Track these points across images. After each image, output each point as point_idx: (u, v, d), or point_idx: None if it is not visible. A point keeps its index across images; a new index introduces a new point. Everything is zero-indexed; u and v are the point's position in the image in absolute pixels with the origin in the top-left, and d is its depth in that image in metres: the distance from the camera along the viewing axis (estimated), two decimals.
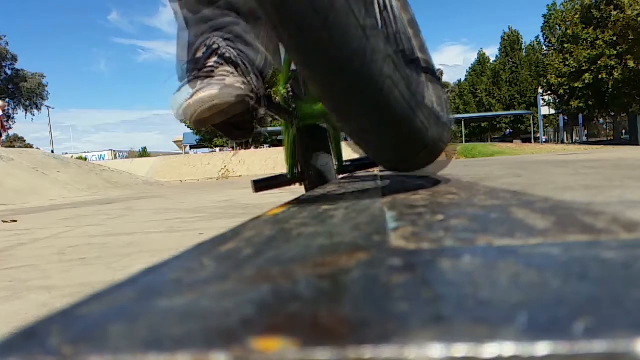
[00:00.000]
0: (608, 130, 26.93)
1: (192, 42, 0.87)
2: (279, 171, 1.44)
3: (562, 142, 24.79)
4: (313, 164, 1.07)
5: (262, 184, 1.37)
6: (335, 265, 0.21)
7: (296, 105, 1.05)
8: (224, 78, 0.79)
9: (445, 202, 0.44)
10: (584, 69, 18.68)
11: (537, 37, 31.21)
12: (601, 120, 26.42)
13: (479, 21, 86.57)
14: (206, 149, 32.31)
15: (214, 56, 0.82)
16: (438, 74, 0.70)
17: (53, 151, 21.77)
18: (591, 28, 18.51)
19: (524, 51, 30.12)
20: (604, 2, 18.06)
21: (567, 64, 19.19)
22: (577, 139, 27.55)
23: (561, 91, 20.13)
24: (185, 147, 38.06)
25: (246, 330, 0.14)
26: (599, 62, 18.04)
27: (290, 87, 1.08)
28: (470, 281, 0.17)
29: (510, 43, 30.22)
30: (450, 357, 0.11)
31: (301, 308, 0.16)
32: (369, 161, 1.30)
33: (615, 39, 17.48)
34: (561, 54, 19.68)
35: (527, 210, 0.35)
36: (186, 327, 0.14)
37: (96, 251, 1.83)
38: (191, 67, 0.82)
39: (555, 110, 22.62)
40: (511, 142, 25.37)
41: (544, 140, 26.59)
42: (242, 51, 0.84)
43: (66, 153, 35.59)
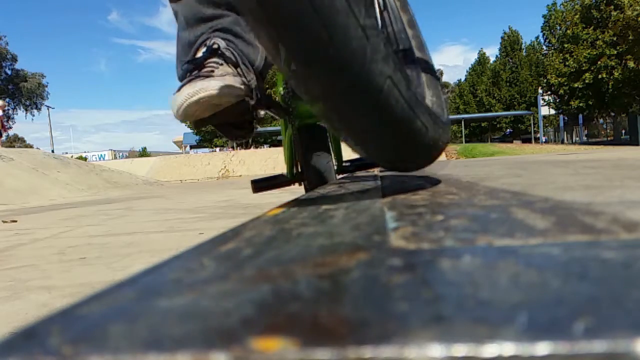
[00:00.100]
0: (608, 130, 26.92)
1: (192, 42, 0.87)
2: (278, 171, 1.43)
3: (562, 142, 24.77)
4: (312, 164, 1.07)
5: (261, 184, 1.37)
6: (335, 265, 0.21)
7: (295, 104, 1.05)
8: (212, 70, 0.79)
9: (445, 202, 0.44)
10: (584, 69, 18.67)
11: (537, 37, 31.29)
12: (601, 120, 26.41)
13: (479, 21, 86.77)
14: (206, 149, 32.30)
15: (213, 56, 0.82)
16: (438, 74, 0.70)
17: (53, 151, 21.77)
18: (591, 28, 18.51)
19: (524, 51, 30.14)
20: (604, 2, 18.05)
21: (567, 64, 19.19)
22: (577, 139, 27.53)
23: (561, 91, 20.13)
24: (185, 147, 38.06)
25: (246, 330, 0.14)
26: (599, 62, 18.04)
27: (289, 86, 1.07)
28: (470, 281, 0.17)
29: (510, 43, 30.24)
30: (450, 357, 0.11)
31: (301, 308, 0.16)
32: (369, 161, 1.30)
33: (615, 39, 17.47)
34: (561, 54, 19.68)
35: (527, 210, 0.35)
36: (186, 327, 0.14)
37: (96, 251, 1.83)
38: (191, 67, 0.82)
39: (555, 110, 22.62)
40: (511, 142, 25.37)
41: (544, 140, 26.58)
42: (239, 48, 0.84)
43: (66, 153, 35.63)
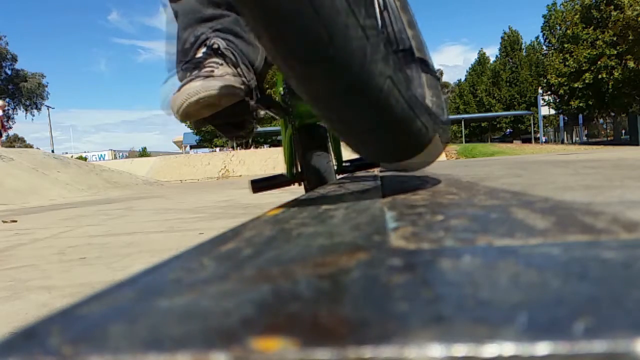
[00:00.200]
0: (608, 130, 26.90)
1: (192, 42, 0.87)
2: (278, 171, 1.43)
3: (562, 142, 24.77)
4: (312, 164, 1.06)
5: (260, 184, 1.36)
6: (335, 265, 0.21)
7: (295, 104, 1.05)
8: (212, 70, 0.79)
9: (445, 202, 0.44)
10: (584, 69, 18.67)
11: (537, 37, 31.28)
12: (601, 120, 26.40)
13: (479, 21, 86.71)
14: (206, 149, 32.30)
15: (213, 56, 0.82)
16: (438, 74, 0.70)
17: (53, 151, 21.77)
18: (591, 28, 18.50)
19: (524, 51, 30.13)
20: (604, 2, 18.04)
21: (567, 64, 19.19)
22: (577, 139, 27.52)
23: (561, 91, 20.12)
24: (185, 147, 38.05)
25: (246, 330, 0.14)
26: (599, 62, 18.04)
27: (289, 86, 1.07)
28: (470, 281, 0.17)
29: (510, 43, 30.23)
30: (450, 357, 0.11)
31: (301, 308, 0.16)
32: (368, 161, 1.30)
33: (615, 39, 17.47)
34: (561, 54, 19.67)
35: (527, 210, 0.35)
36: (186, 327, 0.14)
37: (96, 251, 1.83)
38: (191, 67, 0.82)
39: (555, 110, 22.61)
40: (511, 142, 25.36)
41: (544, 140, 26.56)
42: (239, 48, 0.84)
43: (66, 153, 35.60)
